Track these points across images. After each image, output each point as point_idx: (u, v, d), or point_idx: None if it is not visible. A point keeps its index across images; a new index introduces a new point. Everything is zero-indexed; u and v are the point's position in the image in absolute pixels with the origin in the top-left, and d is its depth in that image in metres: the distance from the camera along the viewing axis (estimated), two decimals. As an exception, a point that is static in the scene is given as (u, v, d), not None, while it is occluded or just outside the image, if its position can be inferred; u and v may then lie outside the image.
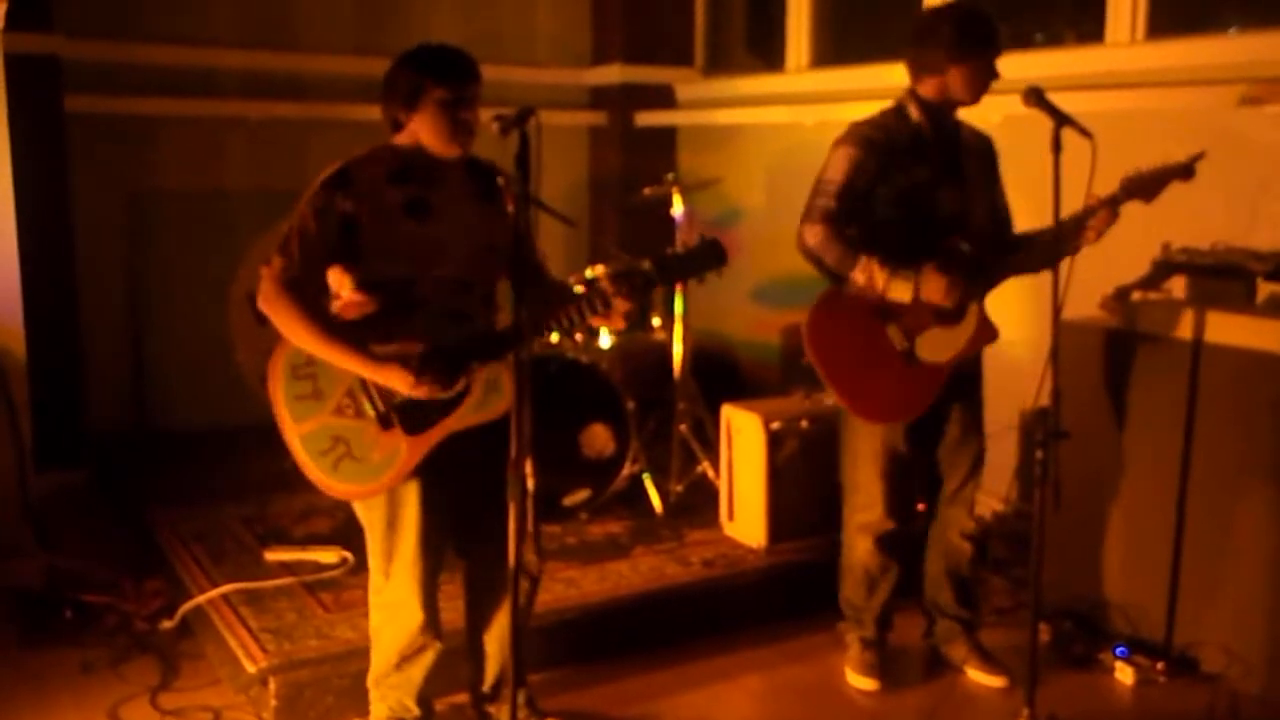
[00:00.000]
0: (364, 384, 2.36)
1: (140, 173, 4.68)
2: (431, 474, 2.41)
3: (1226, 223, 3.23)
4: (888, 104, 2.93)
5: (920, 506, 3.10)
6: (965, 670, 3.07)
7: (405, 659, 2.50)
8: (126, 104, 4.57)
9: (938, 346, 2.80)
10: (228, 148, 4.83)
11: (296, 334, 2.31)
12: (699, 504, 3.89)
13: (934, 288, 2.70)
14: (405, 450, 2.37)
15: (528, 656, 2.71)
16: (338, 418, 2.37)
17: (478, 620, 2.63)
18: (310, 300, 2.32)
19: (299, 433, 2.39)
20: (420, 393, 2.32)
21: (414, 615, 2.45)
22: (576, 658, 3.09)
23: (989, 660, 3.06)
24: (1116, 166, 2.62)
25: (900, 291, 2.72)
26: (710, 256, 2.43)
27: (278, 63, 4.87)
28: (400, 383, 2.30)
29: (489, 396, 2.39)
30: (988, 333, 2.78)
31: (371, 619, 2.54)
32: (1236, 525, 2.94)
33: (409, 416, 2.36)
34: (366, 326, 2.36)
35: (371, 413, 2.37)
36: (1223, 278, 3.09)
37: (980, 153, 2.91)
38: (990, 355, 2.98)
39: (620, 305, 2.37)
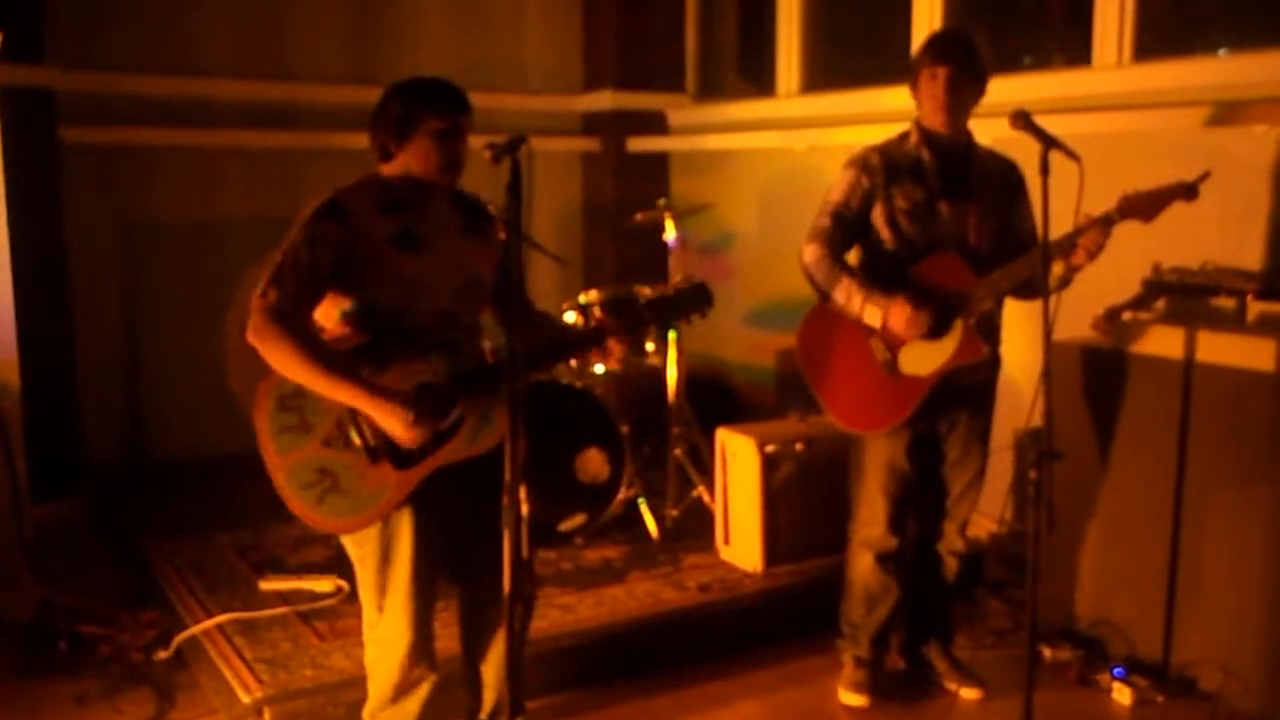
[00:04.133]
0: (353, 416, 2.32)
1: (135, 203, 4.69)
2: (424, 506, 2.39)
3: (1217, 243, 3.25)
4: (875, 128, 2.97)
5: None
6: (943, 683, 3.11)
7: (401, 692, 2.47)
8: (121, 134, 4.58)
9: (920, 360, 2.82)
10: (222, 177, 4.84)
11: (290, 367, 2.25)
12: (695, 528, 3.89)
13: (899, 319, 2.76)
14: (393, 484, 2.33)
15: (525, 683, 2.70)
16: (325, 450, 2.33)
17: (474, 649, 2.61)
18: (303, 332, 2.27)
19: (284, 465, 2.33)
20: (414, 437, 2.29)
21: (409, 648, 2.42)
22: (573, 684, 3.07)
23: (964, 672, 3.10)
24: (1105, 188, 2.64)
25: (871, 317, 2.80)
26: (696, 299, 2.51)
27: (272, 92, 4.90)
28: (397, 425, 2.26)
29: (480, 430, 2.37)
30: (973, 349, 2.80)
31: (366, 653, 2.51)
32: (1232, 544, 2.94)
33: (398, 450, 2.33)
34: (360, 357, 2.33)
35: (360, 445, 2.33)
36: (1214, 297, 3.11)
37: (998, 177, 2.91)
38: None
39: (615, 349, 2.44)
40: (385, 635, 2.44)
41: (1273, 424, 2.83)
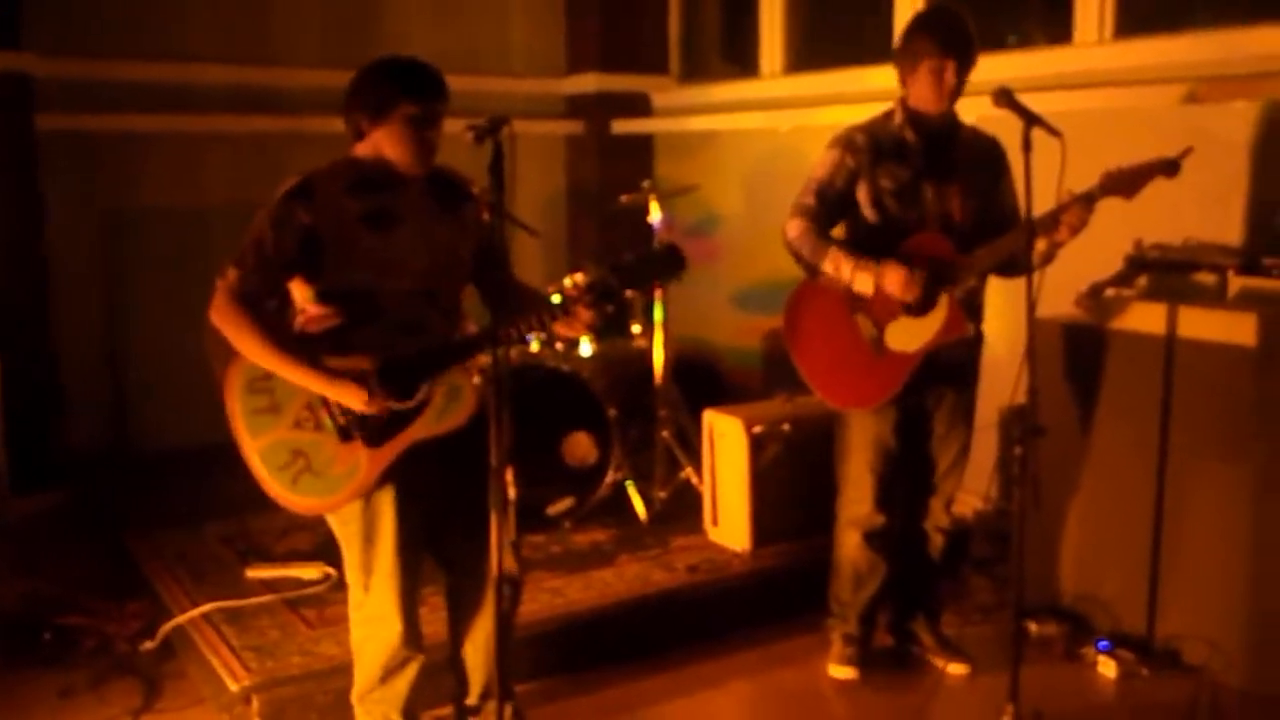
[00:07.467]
0: (323, 397, 2.33)
1: (115, 190, 4.65)
2: (406, 485, 2.39)
3: (1198, 219, 3.26)
4: (859, 108, 2.96)
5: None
6: (930, 659, 3.13)
7: (389, 673, 2.48)
8: (100, 121, 4.54)
9: (906, 336, 2.83)
10: (205, 163, 4.81)
11: (249, 348, 2.27)
12: (683, 510, 3.89)
13: (893, 281, 2.75)
14: (365, 463, 2.34)
15: (513, 667, 2.71)
16: (296, 431, 2.34)
17: (460, 631, 2.61)
18: (265, 314, 2.29)
19: (257, 448, 2.35)
20: (374, 409, 2.30)
21: (395, 629, 2.43)
22: (563, 667, 3.08)
23: (951, 648, 3.12)
24: (1088, 165, 2.64)
25: (863, 284, 2.79)
26: (668, 263, 2.41)
27: (254, 77, 4.86)
28: (354, 400, 2.29)
29: (449, 406, 2.38)
30: (959, 325, 2.80)
31: (353, 634, 2.52)
32: (1215, 518, 2.96)
33: (369, 429, 2.34)
34: (321, 339, 2.33)
35: (331, 425, 2.34)
36: (1195, 273, 3.12)
37: (981, 155, 2.91)
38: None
39: (583, 314, 2.37)
40: (372, 614, 2.45)
41: (1254, 398, 2.85)
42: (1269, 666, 2.88)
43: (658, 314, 4.03)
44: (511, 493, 2.14)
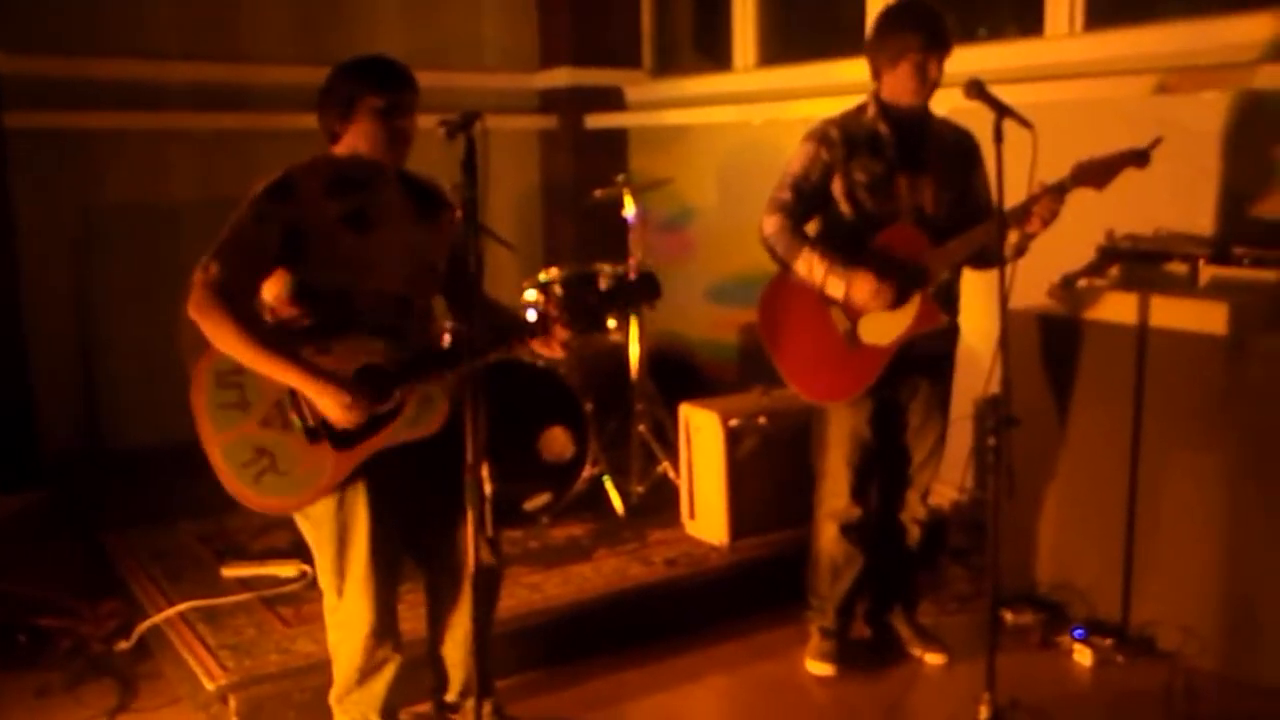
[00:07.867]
0: (293, 396, 2.30)
1: (86, 188, 4.60)
2: (379, 486, 2.37)
3: (1169, 209, 3.29)
4: (832, 101, 2.96)
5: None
6: (908, 649, 3.15)
7: (366, 674, 2.47)
8: (69, 119, 4.49)
9: (880, 329, 2.84)
10: (173, 160, 4.76)
11: (229, 344, 2.22)
12: (660, 504, 3.90)
13: (862, 290, 2.76)
14: (331, 465, 2.32)
15: (493, 663, 2.71)
16: (263, 429, 2.31)
17: (439, 628, 2.61)
18: (244, 309, 2.25)
19: (221, 442, 2.32)
20: (350, 419, 2.28)
21: (371, 630, 2.42)
22: (542, 662, 3.08)
23: (927, 638, 3.15)
24: (1059, 156, 2.66)
25: (834, 289, 2.80)
26: (644, 291, 2.51)
27: (223, 74, 4.82)
28: (333, 406, 2.25)
29: (422, 414, 2.36)
30: (932, 316, 2.81)
31: (329, 637, 2.51)
32: (1188, 505, 2.99)
33: (337, 432, 2.31)
34: (301, 337, 2.31)
35: (299, 425, 2.31)
36: (1166, 263, 3.15)
37: (953, 146, 2.91)
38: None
39: (560, 333, 2.41)
40: (346, 618, 2.43)
41: (1225, 387, 2.88)
42: (1243, 651, 2.91)
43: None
44: (488, 488, 2.14)
